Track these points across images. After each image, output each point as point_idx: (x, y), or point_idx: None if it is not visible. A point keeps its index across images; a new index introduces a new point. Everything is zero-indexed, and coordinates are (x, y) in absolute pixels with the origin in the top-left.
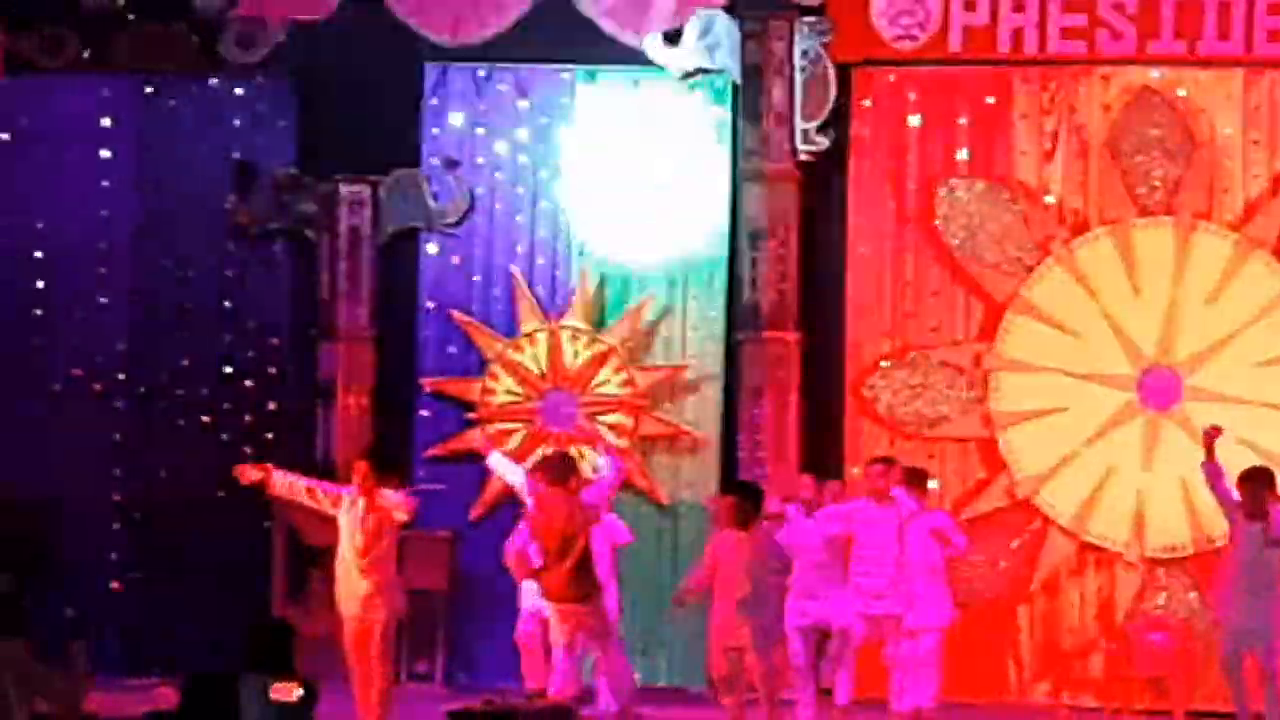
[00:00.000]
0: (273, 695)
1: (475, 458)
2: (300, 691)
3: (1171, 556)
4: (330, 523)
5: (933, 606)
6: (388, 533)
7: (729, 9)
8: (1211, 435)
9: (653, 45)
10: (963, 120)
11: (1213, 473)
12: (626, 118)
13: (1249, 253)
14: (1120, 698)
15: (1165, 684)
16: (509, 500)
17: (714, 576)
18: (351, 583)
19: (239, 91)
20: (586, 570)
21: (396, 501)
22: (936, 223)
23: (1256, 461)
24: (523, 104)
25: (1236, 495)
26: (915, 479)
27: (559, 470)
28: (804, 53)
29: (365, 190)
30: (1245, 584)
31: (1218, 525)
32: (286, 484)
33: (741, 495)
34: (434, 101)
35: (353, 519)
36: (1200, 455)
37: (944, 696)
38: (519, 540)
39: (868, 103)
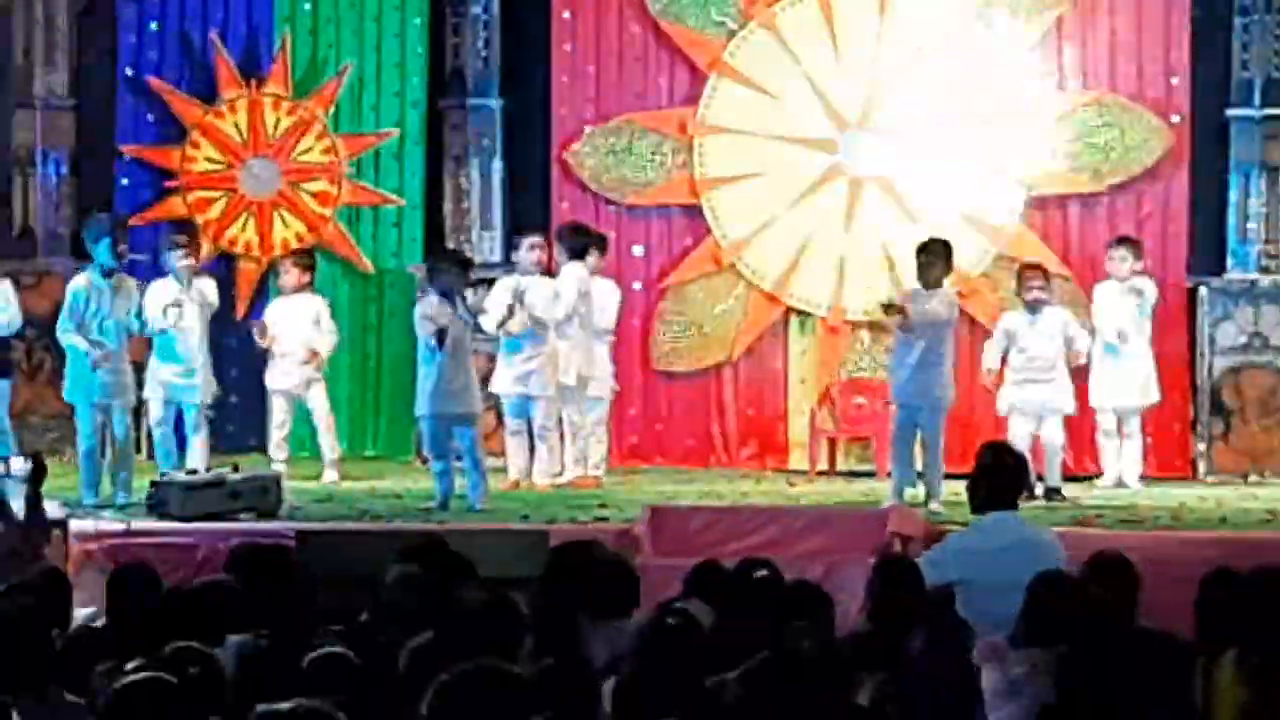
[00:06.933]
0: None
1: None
2: (28, 465)
3: (874, 320)
4: None
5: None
6: None
7: None
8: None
9: None
10: None
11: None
12: None
13: None
14: (825, 460)
15: (869, 446)
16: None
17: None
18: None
19: None
20: None
21: None
22: None
23: (959, 223)
24: None
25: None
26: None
27: None
28: None
29: None
30: (914, 358)
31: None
32: None
33: (449, 262)
34: None
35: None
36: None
37: (652, 462)
38: None
39: None
